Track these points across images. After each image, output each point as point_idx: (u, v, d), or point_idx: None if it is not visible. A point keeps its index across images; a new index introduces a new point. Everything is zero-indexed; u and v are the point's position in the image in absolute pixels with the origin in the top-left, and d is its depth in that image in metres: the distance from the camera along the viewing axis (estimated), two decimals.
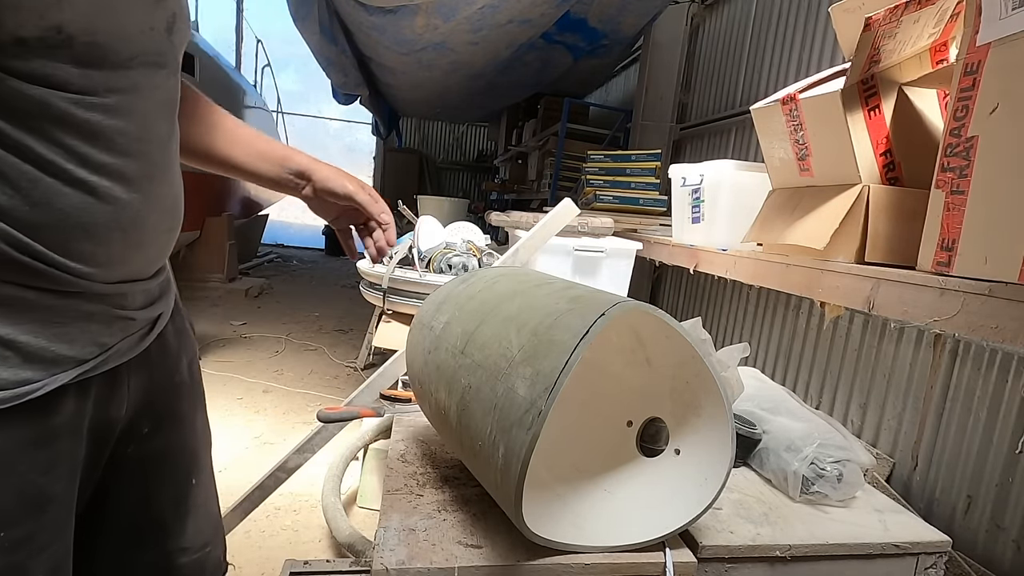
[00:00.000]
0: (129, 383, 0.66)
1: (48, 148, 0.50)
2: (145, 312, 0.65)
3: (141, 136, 0.56)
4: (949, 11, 1.02)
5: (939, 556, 0.89)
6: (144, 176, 0.58)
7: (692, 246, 1.73)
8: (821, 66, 2.18)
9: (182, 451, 0.78)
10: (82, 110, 0.51)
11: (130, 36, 0.54)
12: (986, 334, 0.76)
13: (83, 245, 0.54)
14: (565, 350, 0.63)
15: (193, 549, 0.77)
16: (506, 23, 3.17)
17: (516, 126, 5.90)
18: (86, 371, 0.58)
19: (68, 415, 0.58)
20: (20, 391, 0.52)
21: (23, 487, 0.55)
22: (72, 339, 0.56)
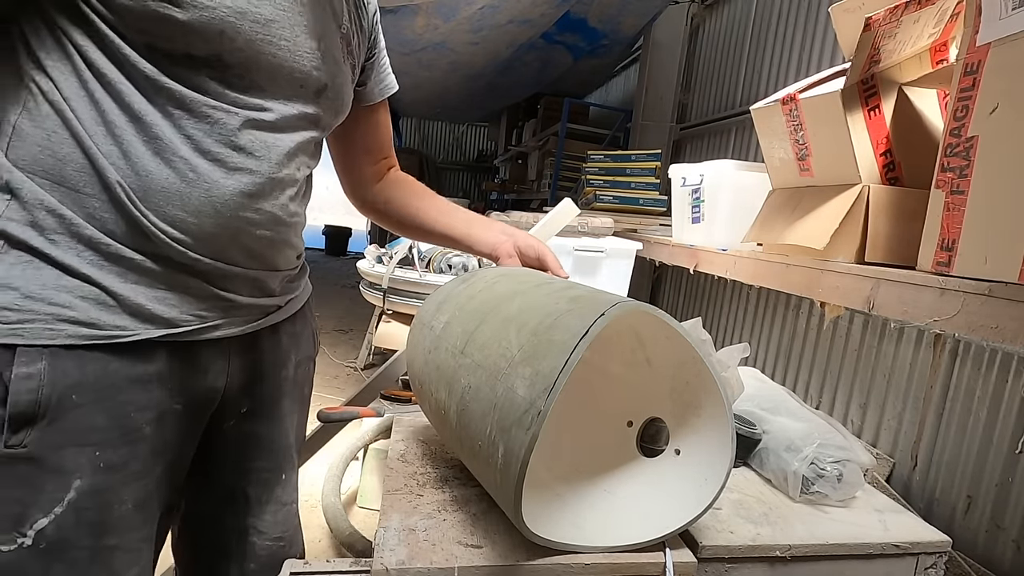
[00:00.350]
0: (230, 359, 0.76)
1: (172, 130, 0.62)
2: (254, 300, 0.75)
3: (252, 140, 0.67)
4: (949, 11, 1.02)
5: (939, 556, 0.89)
6: (243, 170, 0.67)
7: (692, 246, 1.73)
8: (821, 66, 2.18)
9: (277, 443, 0.87)
10: (210, 109, 0.63)
11: (279, 84, 0.68)
12: (986, 334, 0.76)
13: (178, 212, 0.63)
14: (564, 350, 0.63)
15: (268, 536, 0.86)
16: (506, 23, 3.17)
17: (516, 126, 5.90)
18: (177, 334, 0.67)
19: (159, 367, 0.67)
20: (113, 333, 0.62)
21: (119, 416, 0.64)
22: (171, 305, 0.66)
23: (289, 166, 0.73)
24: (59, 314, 0.60)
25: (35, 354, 0.59)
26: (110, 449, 0.63)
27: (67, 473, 0.61)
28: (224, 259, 0.69)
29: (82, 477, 0.61)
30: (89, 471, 0.62)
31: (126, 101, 0.61)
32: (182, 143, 0.63)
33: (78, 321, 0.61)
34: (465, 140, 9.63)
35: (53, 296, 0.60)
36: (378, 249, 2.43)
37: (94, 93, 0.60)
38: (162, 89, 0.61)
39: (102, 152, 0.60)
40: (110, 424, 0.63)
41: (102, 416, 0.62)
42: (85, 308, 0.61)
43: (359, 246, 8.33)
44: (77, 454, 0.61)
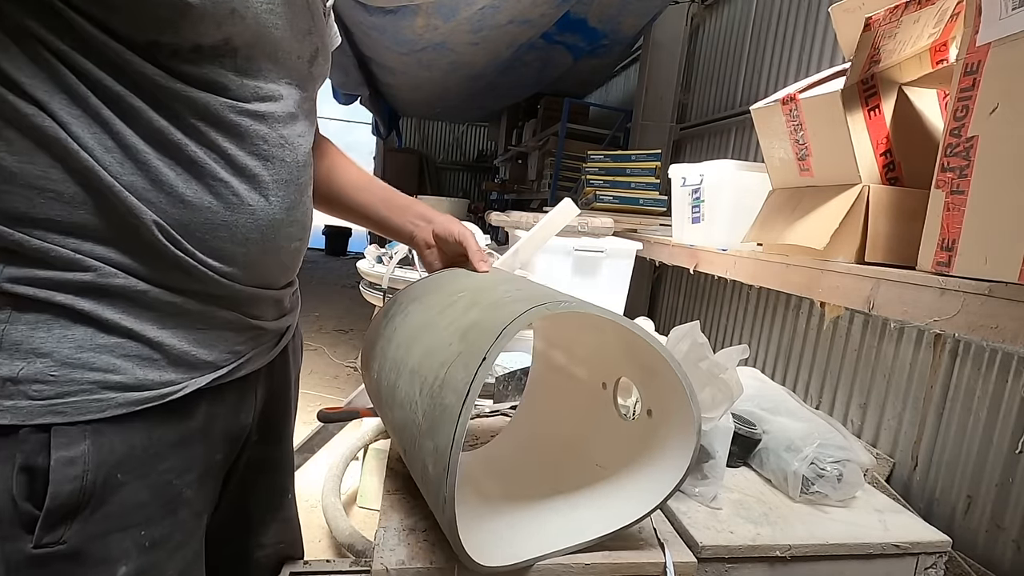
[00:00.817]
0: (256, 392, 0.70)
1: (200, 147, 0.54)
2: (275, 323, 0.69)
3: (280, 144, 0.61)
4: (949, 11, 1.02)
5: (939, 556, 0.89)
6: (279, 182, 0.61)
7: (692, 246, 1.73)
8: (821, 66, 2.18)
9: (282, 464, 0.83)
10: (234, 114, 0.56)
11: (280, 59, 0.60)
12: (986, 334, 0.76)
13: (225, 244, 0.57)
14: (452, 419, 0.57)
15: (269, 545, 0.82)
16: (506, 23, 3.17)
17: (516, 126, 5.89)
18: (220, 376, 0.61)
19: (201, 419, 0.61)
20: (164, 391, 0.55)
21: (161, 486, 0.57)
22: (211, 345, 0.59)
23: (309, 162, 0.68)
24: (104, 380, 0.52)
25: (75, 433, 0.51)
26: (155, 525, 0.57)
27: (112, 562, 0.54)
28: (263, 283, 0.64)
29: (127, 563, 0.55)
30: (135, 554, 0.55)
31: (143, 118, 0.51)
32: (216, 163, 0.55)
33: (125, 386, 0.53)
34: (465, 140, 9.62)
35: (92, 360, 0.51)
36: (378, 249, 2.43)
37: (98, 112, 0.50)
38: (177, 96, 0.52)
39: (123, 185, 0.51)
40: (153, 498, 0.56)
41: (146, 491, 0.56)
42: (130, 368, 0.53)
43: (359, 246, 8.32)
44: (122, 539, 0.54)
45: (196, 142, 0.54)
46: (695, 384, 0.88)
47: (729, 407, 0.90)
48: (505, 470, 0.89)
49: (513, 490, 0.83)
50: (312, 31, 0.65)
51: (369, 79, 5.00)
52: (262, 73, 0.59)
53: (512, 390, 1.20)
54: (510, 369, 1.23)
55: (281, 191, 0.62)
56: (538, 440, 0.93)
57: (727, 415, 0.92)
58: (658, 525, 0.83)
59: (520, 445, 0.93)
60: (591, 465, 0.82)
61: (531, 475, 0.87)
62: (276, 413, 0.77)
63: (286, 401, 0.80)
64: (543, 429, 0.94)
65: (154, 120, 0.52)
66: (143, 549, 0.56)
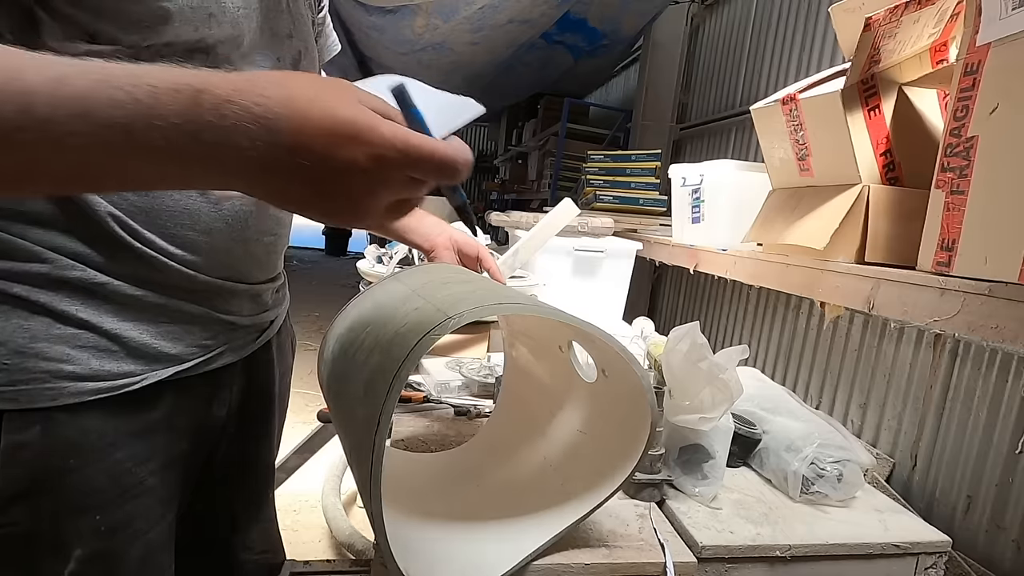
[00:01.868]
0: (232, 386, 0.70)
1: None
2: (253, 319, 0.69)
3: None
4: (949, 11, 1.02)
5: (939, 556, 0.89)
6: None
7: (692, 246, 1.73)
8: (821, 66, 2.18)
9: (264, 462, 0.83)
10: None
11: (256, 62, 0.60)
12: (986, 334, 0.75)
13: (187, 232, 0.57)
14: (367, 456, 0.53)
15: (255, 550, 0.81)
16: (506, 23, 3.17)
17: (516, 126, 5.89)
18: (185, 370, 0.61)
19: (165, 411, 0.61)
20: (119, 383, 0.56)
21: (118, 474, 0.57)
22: (176, 338, 0.60)
23: None
24: (57, 370, 0.52)
25: (27, 419, 0.52)
26: (111, 511, 0.57)
27: (66, 545, 0.55)
28: (232, 276, 0.64)
29: (83, 546, 0.56)
30: (90, 538, 0.56)
31: None
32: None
33: (78, 376, 0.53)
34: (465, 140, 9.53)
35: (46, 349, 0.52)
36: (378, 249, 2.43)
37: None
38: None
39: None
40: (110, 484, 0.57)
41: (102, 477, 0.56)
42: (85, 358, 0.54)
43: (359, 246, 8.32)
44: (76, 522, 0.55)
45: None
46: (695, 384, 0.88)
47: (729, 407, 0.90)
48: (476, 466, 0.88)
49: (481, 494, 0.82)
50: (293, 35, 0.66)
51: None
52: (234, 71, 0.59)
53: None
54: None
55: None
56: (515, 423, 0.92)
57: (727, 415, 0.92)
58: (658, 525, 0.83)
59: (495, 437, 0.93)
60: (574, 432, 0.82)
61: (505, 469, 0.86)
62: (256, 409, 0.77)
63: (268, 398, 0.79)
64: (518, 412, 0.93)
65: None
66: (99, 533, 0.56)
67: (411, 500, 0.77)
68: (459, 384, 1.24)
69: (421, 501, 0.79)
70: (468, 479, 0.85)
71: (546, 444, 0.84)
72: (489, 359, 1.38)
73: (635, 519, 0.84)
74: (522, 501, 0.78)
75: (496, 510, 0.77)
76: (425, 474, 0.87)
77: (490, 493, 0.82)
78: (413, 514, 0.75)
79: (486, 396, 1.22)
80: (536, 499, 0.77)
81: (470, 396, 1.22)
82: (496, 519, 0.76)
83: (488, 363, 1.33)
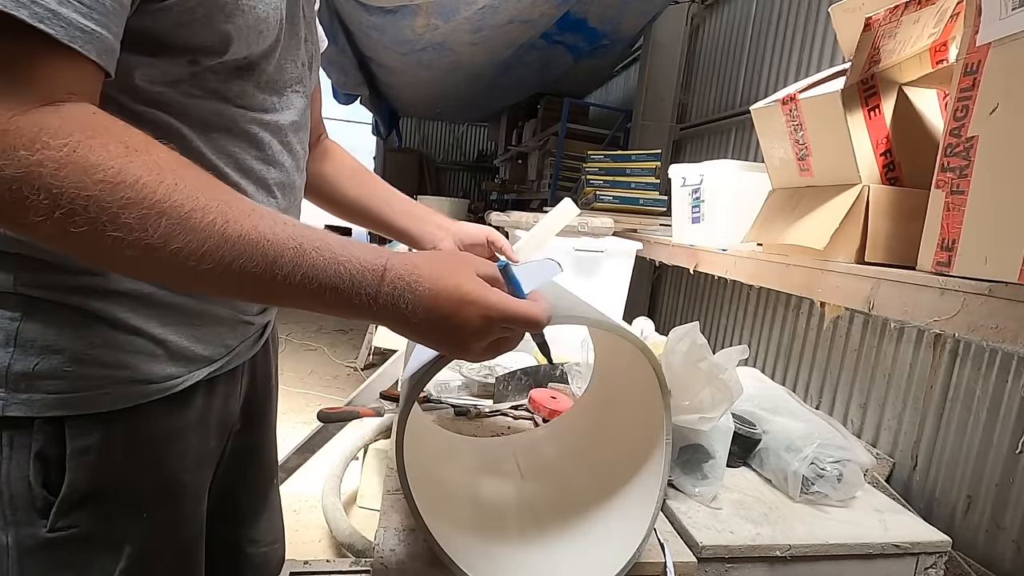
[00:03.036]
0: (242, 382, 0.73)
1: (215, 154, 0.58)
2: (260, 317, 0.73)
3: (282, 150, 0.65)
4: (949, 11, 1.02)
5: (939, 556, 0.89)
6: (279, 184, 0.65)
7: (692, 246, 1.73)
8: (821, 66, 2.18)
9: (268, 453, 0.86)
10: (245, 123, 0.60)
11: (286, 68, 0.64)
12: (986, 334, 0.75)
13: None
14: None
15: (262, 543, 0.84)
16: (506, 23, 3.17)
17: (516, 126, 5.89)
18: (214, 370, 0.65)
19: (197, 410, 0.64)
20: (167, 384, 0.59)
21: (164, 474, 0.61)
22: (207, 340, 0.63)
23: (304, 167, 0.71)
24: (114, 375, 0.55)
25: (88, 424, 0.54)
26: (158, 510, 0.61)
27: (118, 543, 0.58)
28: None
29: (132, 544, 0.59)
30: (140, 536, 0.59)
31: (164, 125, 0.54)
32: (227, 166, 0.59)
33: (133, 380, 0.57)
34: (465, 140, 9.62)
35: (104, 356, 0.54)
36: None
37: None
38: (202, 111, 0.56)
39: None
40: (157, 484, 0.61)
41: (151, 477, 0.60)
42: (137, 364, 0.57)
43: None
44: (128, 522, 0.58)
45: (210, 148, 0.57)
46: (695, 384, 0.88)
47: (729, 407, 0.90)
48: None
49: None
50: (308, 38, 0.69)
51: (369, 79, 5.00)
52: (273, 83, 0.62)
53: (512, 390, 1.20)
54: (510, 369, 1.23)
55: (280, 193, 0.66)
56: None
57: (727, 415, 0.92)
58: (658, 525, 0.83)
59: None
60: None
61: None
62: (259, 402, 0.81)
63: (268, 390, 0.84)
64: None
65: (175, 128, 0.54)
66: (147, 531, 0.59)
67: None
68: (459, 384, 1.24)
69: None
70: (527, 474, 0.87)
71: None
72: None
73: None
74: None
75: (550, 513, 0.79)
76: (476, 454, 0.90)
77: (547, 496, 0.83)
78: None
79: (486, 396, 1.22)
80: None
81: (470, 396, 1.22)
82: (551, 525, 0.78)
83: (488, 363, 1.33)
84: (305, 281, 0.45)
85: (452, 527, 0.71)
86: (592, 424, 0.92)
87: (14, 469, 0.53)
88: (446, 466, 0.87)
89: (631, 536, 0.71)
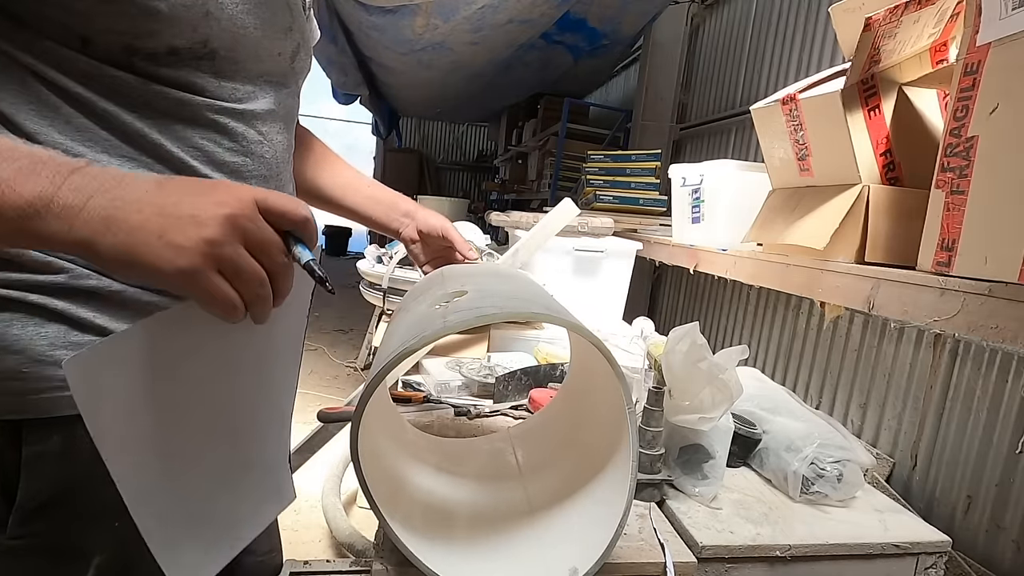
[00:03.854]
0: None
1: (179, 147, 0.56)
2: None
3: (260, 140, 0.63)
4: (949, 11, 1.02)
5: (939, 556, 0.89)
6: (258, 177, 0.64)
7: (692, 246, 1.73)
8: (821, 66, 2.18)
9: None
10: (212, 113, 0.57)
11: (260, 57, 0.62)
12: (986, 334, 0.75)
13: None
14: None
15: (258, 552, 0.80)
16: (506, 23, 3.17)
17: (516, 126, 5.89)
18: None
19: None
20: None
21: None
22: None
23: (288, 158, 0.69)
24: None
25: (47, 429, 0.51)
26: (129, 517, 0.57)
27: (86, 554, 0.55)
28: None
29: (102, 554, 0.55)
30: (110, 546, 0.55)
31: (117, 121, 0.52)
32: (195, 159, 0.57)
33: None
34: (465, 140, 9.62)
35: (64, 357, 0.51)
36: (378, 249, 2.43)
37: (69, 119, 0.50)
38: (153, 99, 0.53)
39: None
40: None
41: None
42: None
43: (359, 246, 8.31)
44: (97, 532, 0.55)
45: (173, 141, 0.55)
46: (695, 384, 0.88)
47: (729, 407, 0.90)
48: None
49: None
50: (292, 28, 0.66)
51: (369, 79, 5.00)
52: (240, 73, 0.60)
53: (512, 390, 1.20)
54: (510, 369, 1.23)
55: (260, 185, 0.63)
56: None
57: (727, 415, 0.92)
58: (658, 525, 0.83)
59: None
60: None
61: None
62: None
63: None
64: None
65: (129, 123, 0.53)
66: (117, 541, 0.56)
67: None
68: (459, 384, 1.24)
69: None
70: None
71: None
72: (489, 359, 1.38)
73: (635, 519, 0.84)
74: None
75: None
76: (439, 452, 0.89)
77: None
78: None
79: (486, 396, 1.22)
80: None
81: (470, 396, 1.22)
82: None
83: (488, 363, 1.33)
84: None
85: (412, 521, 0.70)
86: (568, 417, 0.91)
87: None
88: (412, 465, 0.85)
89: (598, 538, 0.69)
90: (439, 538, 0.70)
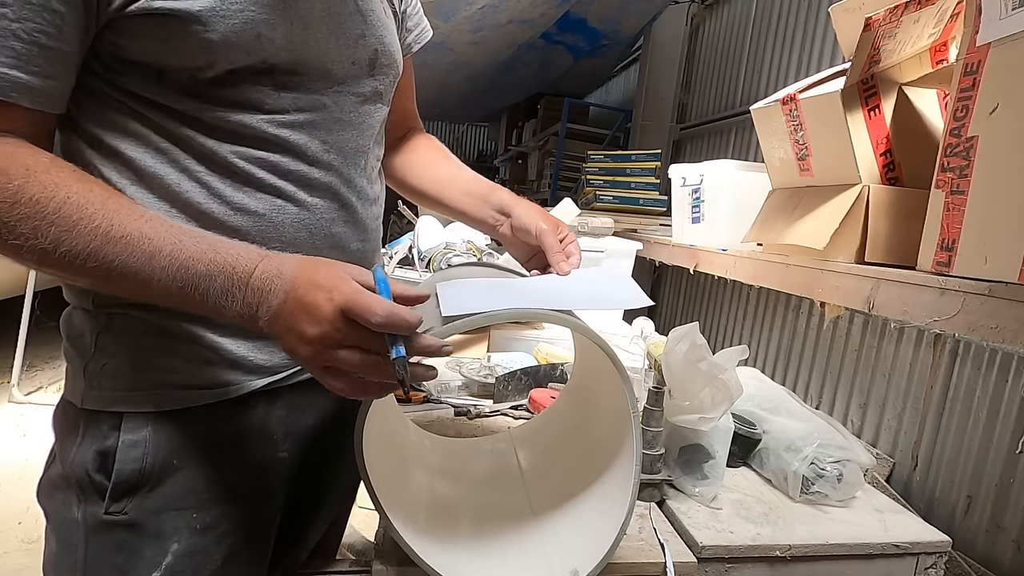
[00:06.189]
0: (318, 394, 0.71)
1: (245, 161, 0.60)
2: None
3: (327, 149, 0.65)
4: (949, 11, 1.02)
5: (939, 556, 0.89)
6: (329, 185, 0.65)
7: (692, 246, 1.73)
8: (821, 66, 2.18)
9: (351, 469, 0.82)
10: (273, 127, 0.60)
11: (328, 68, 0.63)
12: (986, 334, 0.76)
13: (274, 244, 0.61)
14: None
15: (309, 551, 0.83)
16: (506, 23, 3.17)
17: (516, 126, 5.90)
18: (276, 381, 0.66)
19: (258, 419, 0.66)
20: (219, 391, 0.62)
21: (215, 476, 0.63)
22: (269, 351, 0.65)
23: (367, 164, 0.70)
24: (164, 380, 0.60)
25: (140, 421, 0.59)
26: (206, 511, 0.63)
27: (165, 538, 0.61)
28: None
29: (179, 541, 0.61)
30: (186, 534, 0.61)
31: (194, 143, 0.58)
32: (263, 171, 0.61)
33: (183, 385, 0.61)
34: (465, 140, 9.62)
35: (158, 361, 0.60)
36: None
37: (158, 146, 0.58)
38: (218, 120, 0.58)
39: (186, 200, 0.59)
40: (207, 486, 0.63)
41: (200, 479, 0.62)
42: (190, 369, 0.61)
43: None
44: (175, 518, 0.61)
45: (240, 157, 0.60)
46: (695, 385, 0.88)
47: (729, 407, 0.90)
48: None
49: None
50: (366, 35, 0.67)
51: None
52: (304, 85, 0.62)
53: (512, 390, 1.20)
54: (510, 369, 1.23)
55: (332, 192, 0.65)
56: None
57: (727, 415, 0.92)
58: (658, 525, 0.83)
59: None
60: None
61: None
62: (344, 413, 0.76)
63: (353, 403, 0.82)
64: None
65: (202, 144, 0.58)
66: (194, 531, 0.62)
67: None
68: (459, 384, 1.24)
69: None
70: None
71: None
72: (489, 359, 1.38)
73: (635, 519, 0.84)
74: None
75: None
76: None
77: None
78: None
79: (486, 396, 1.22)
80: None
81: (470, 396, 1.22)
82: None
83: (488, 363, 1.33)
84: (183, 272, 0.49)
85: (415, 521, 0.70)
86: (570, 418, 0.91)
87: (80, 455, 0.59)
88: (415, 467, 0.85)
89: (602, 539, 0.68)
90: (442, 538, 0.70)
